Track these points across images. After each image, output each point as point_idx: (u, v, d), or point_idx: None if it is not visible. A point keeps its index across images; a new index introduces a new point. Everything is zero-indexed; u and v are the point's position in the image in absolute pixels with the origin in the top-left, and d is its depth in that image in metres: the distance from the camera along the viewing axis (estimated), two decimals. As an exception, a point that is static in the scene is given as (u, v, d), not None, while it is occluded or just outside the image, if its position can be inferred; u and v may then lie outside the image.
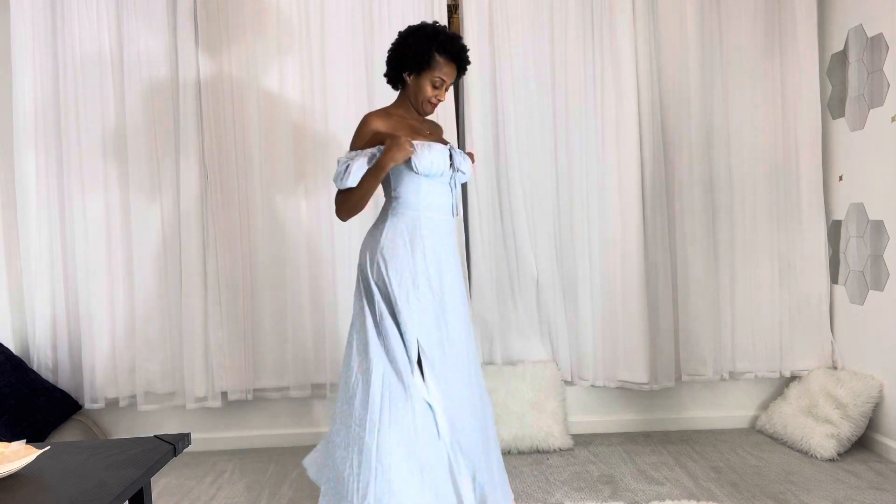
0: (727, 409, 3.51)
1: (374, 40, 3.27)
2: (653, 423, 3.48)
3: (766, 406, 3.48)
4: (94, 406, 3.26)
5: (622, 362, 3.36)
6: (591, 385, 3.41)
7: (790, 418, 3.23)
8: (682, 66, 3.35)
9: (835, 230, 3.39)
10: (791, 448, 3.16)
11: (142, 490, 1.53)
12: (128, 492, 1.36)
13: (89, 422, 3.30)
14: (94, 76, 3.24)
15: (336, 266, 3.31)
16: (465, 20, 3.33)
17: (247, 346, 3.31)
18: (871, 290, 3.14)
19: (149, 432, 3.31)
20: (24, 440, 1.54)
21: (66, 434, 3.18)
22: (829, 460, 3.00)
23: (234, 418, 3.43)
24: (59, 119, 3.24)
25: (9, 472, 1.39)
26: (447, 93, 2.34)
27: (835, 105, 3.37)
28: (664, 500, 2.60)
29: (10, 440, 2.68)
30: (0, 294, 3.25)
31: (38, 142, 3.24)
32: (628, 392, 3.46)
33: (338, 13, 3.28)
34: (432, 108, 2.34)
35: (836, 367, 3.38)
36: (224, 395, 3.33)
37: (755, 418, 3.50)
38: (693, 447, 3.23)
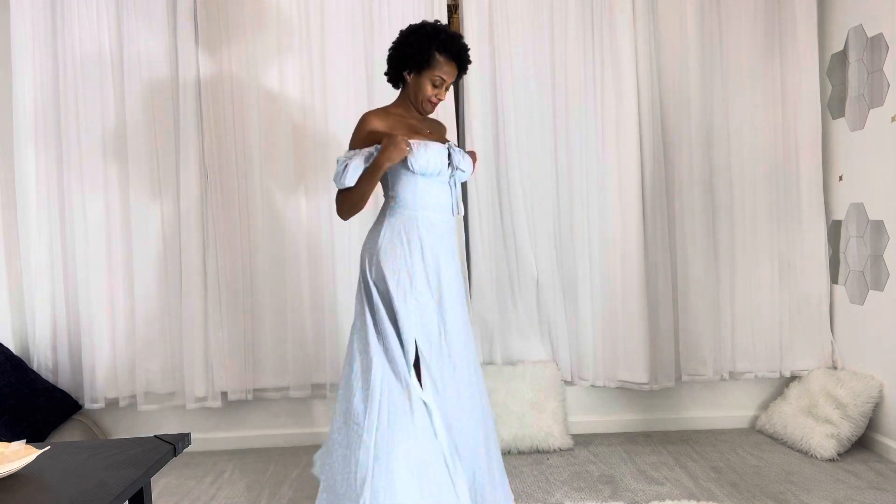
0: (727, 409, 3.51)
1: (374, 40, 3.27)
2: (653, 423, 3.48)
3: (766, 406, 3.48)
4: (94, 406, 3.26)
5: (622, 362, 3.36)
6: (591, 385, 3.41)
7: (790, 418, 3.23)
8: (682, 66, 3.35)
9: (835, 230, 3.39)
10: (791, 448, 3.16)
11: (142, 490, 1.53)
12: (128, 492, 1.36)
13: (89, 422, 3.30)
14: (94, 76, 3.24)
15: (336, 266, 3.31)
16: (465, 20, 3.33)
17: (247, 346, 3.32)
18: (871, 290, 3.14)
19: (149, 432, 3.31)
20: (24, 440, 1.54)
21: (66, 434, 3.18)
22: (829, 460, 3.00)
23: (234, 418, 3.43)
24: (59, 119, 3.24)
25: (9, 472, 1.39)
26: (447, 92, 2.34)
27: (835, 105, 3.37)
28: (664, 500, 2.60)
29: (10, 440, 2.67)
30: (0, 294, 3.25)
31: (38, 141, 3.24)
32: (628, 392, 3.46)
33: (338, 13, 3.28)
34: (432, 107, 2.34)
35: (836, 367, 3.38)
36: (224, 395, 3.33)
37: (755, 418, 3.50)
38: (693, 447, 3.23)
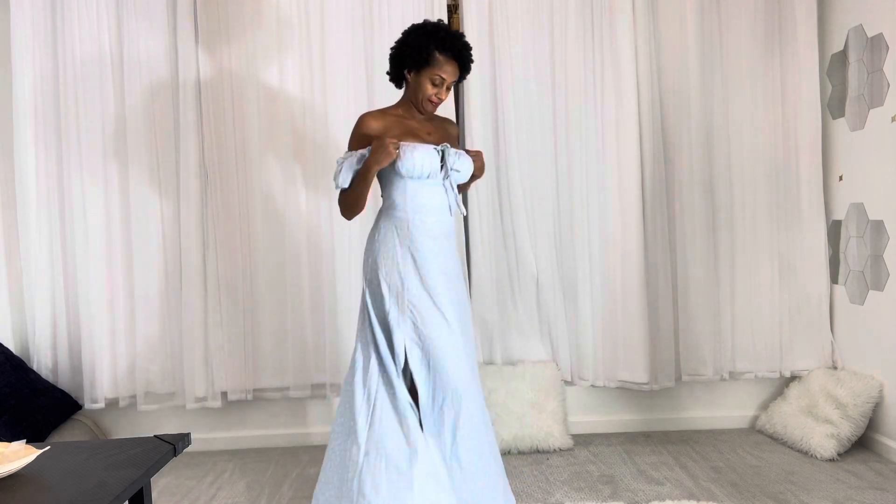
0: (727, 409, 3.51)
1: (374, 40, 3.27)
2: (653, 423, 3.48)
3: (766, 406, 3.48)
4: (94, 406, 3.26)
5: (622, 362, 3.36)
6: (591, 385, 3.41)
7: (790, 418, 3.23)
8: (682, 66, 3.35)
9: (835, 230, 3.39)
10: (791, 448, 3.16)
11: (142, 490, 1.53)
12: (128, 492, 1.36)
13: (89, 422, 3.30)
14: (94, 76, 3.24)
15: (336, 266, 3.31)
16: (465, 20, 3.33)
17: (247, 346, 3.31)
18: (871, 290, 3.14)
19: (149, 432, 3.31)
20: (24, 440, 1.54)
21: (66, 434, 3.18)
22: (829, 460, 3.00)
23: (234, 418, 3.43)
24: (59, 119, 3.24)
25: (9, 472, 1.39)
26: (449, 92, 2.33)
27: (835, 105, 3.37)
28: (664, 500, 2.60)
29: (10, 440, 2.67)
30: (0, 294, 3.25)
31: (39, 141, 3.24)
32: (628, 392, 3.46)
33: (338, 13, 3.28)
34: (433, 107, 2.33)
35: (836, 367, 3.37)
36: (224, 395, 3.33)
37: (755, 418, 3.50)
38: (693, 447, 3.23)
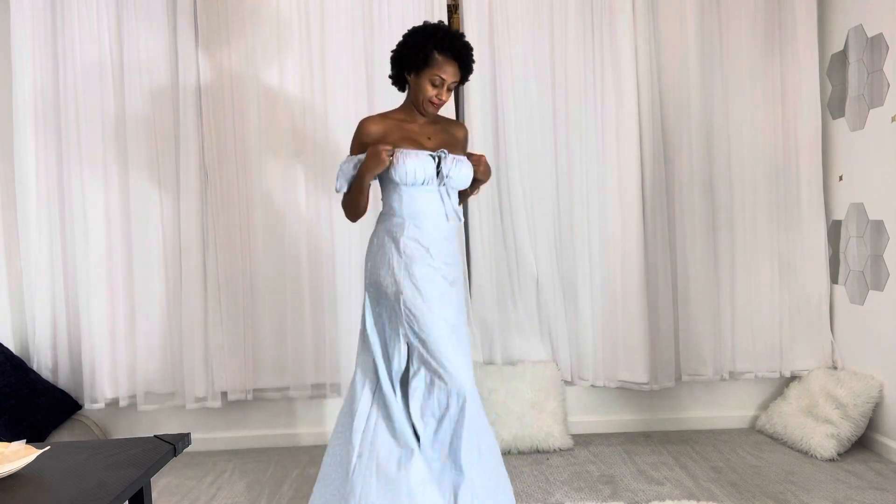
0: (727, 409, 3.51)
1: (374, 40, 3.27)
2: (653, 423, 3.48)
3: (766, 406, 3.48)
4: (94, 406, 3.26)
5: (622, 362, 3.36)
6: (591, 385, 3.41)
7: (790, 418, 3.23)
8: (682, 66, 3.35)
9: (835, 230, 3.39)
10: (791, 448, 3.16)
11: (142, 490, 1.53)
12: (128, 492, 1.36)
13: (89, 422, 3.30)
14: (94, 76, 3.24)
15: (336, 266, 3.31)
16: (465, 20, 3.33)
17: (247, 346, 3.31)
18: (871, 290, 3.14)
19: (149, 432, 3.31)
20: (24, 440, 1.54)
21: (66, 434, 3.18)
22: (829, 460, 3.00)
23: (234, 418, 3.43)
24: (59, 119, 3.23)
25: (9, 472, 1.39)
26: (450, 93, 2.32)
27: (835, 105, 3.37)
28: (664, 500, 2.60)
29: (10, 440, 2.67)
30: (0, 294, 3.25)
31: (38, 141, 3.23)
32: (628, 392, 3.46)
33: (338, 13, 3.28)
34: (434, 108, 2.32)
35: (836, 367, 3.37)
36: (224, 395, 3.33)
37: (755, 418, 3.50)
38: (693, 447, 3.23)
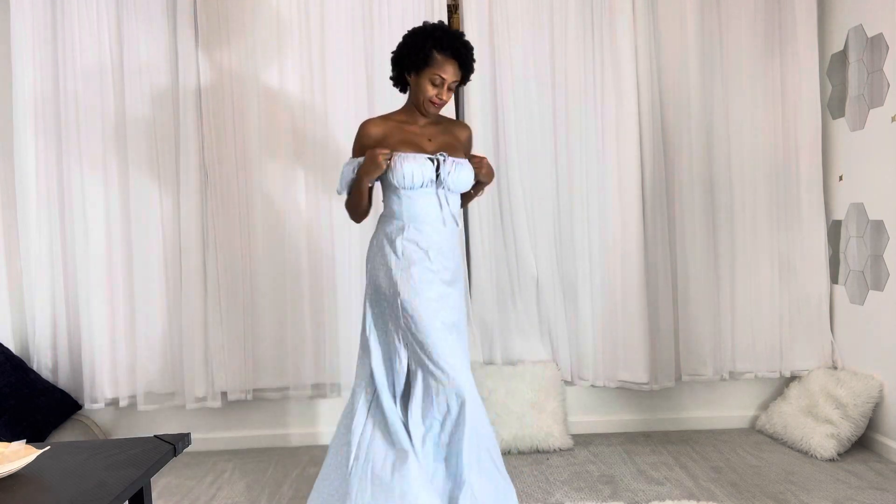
0: (727, 409, 3.51)
1: (374, 40, 3.27)
2: (653, 423, 3.48)
3: (766, 406, 3.48)
4: (94, 406, 3.26)
5: (622, 362, 3.36)
6: (591, 385, 3.41)
7: (790, 418, 3.23)
8: (682, 66, 3.35)
9: (835, 230, 3.39)
10: (791, 448, 3.16)
11: (142, 490, 1.53)
12: (128, 492, 1.36)
13: (89, 422, 3.30)
14: (93, 76, 3.23)
15: (336, 266, 3.31)
16: (465, 20, 3.32)
17: (247, 346, 3.31)
18: (871, 290, 3.14)
19: (149, 432, 3.31)
20: (24, 440, 1.54)
21: (66, 434, 3.18)
22: (829, 460, 3.00)
23: (234, 418, 3.43)
24: (59, 119, 3.23)
25: (9, 472, 1.39)
26: (451, 93, 2.32)
27: (835, 105, 3.37)
28: (664, 500, 2.60)
29: (10, 440, 2.67)
30: (0, 294, 3.25)
31: (39, 142, 3.23)
32: (628, 392, 3.46)
33: (338, 13, 3.28)
34: (435, 108, 2.32)
35: (836, 367, 3.37)
36: (224, 395, 3.33)
37: (755, 418, 3.49)
38: (693, 447, 3.23)
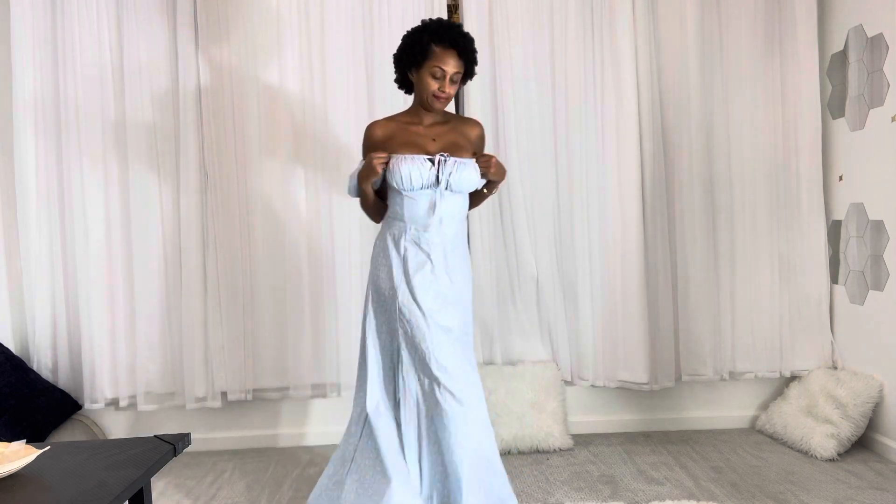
0: (727, 409, 3.51)
1: (374, 41, 3.27)
2: (653, 423, 3.48)
3: (766, 406, 3.48)
4: (94, 406, 3.26)
5: (622, 362, 3.36)
6: (591, 385, 3.41)
7: (790, 418, 3.23)
8: (682, 66, 3.35)
9: (835, 230, 3.39)
10: (791, 448, 3.16)
11: (142, 490, 1.53)
12: (128, 492, 1.36)
13: (89, 422, 3.30)
14: (93, 76, 3.23)
15: (336, 266, 3.31)
16: (464, 20, 3.32)
17: (246, 347, 3.31)
18: (871, 290, 3.14)
19: (149, 432, 3.31)
20: (24, 440, 1.54)
21: (66, 434, 3.19)
22: (829, 460, 2.99)
23: (234, 418, 3.43)
24: (59, 119, 3.23)
25: (9, 472, 1.39)
26: (454, 86, 2.30)
27: (835, 105, 3.37)
28: (664, 500, 2.60)
29: (10, 440, 2.68)
30: (0, 294, 3.25)
31: (38, 141, 3.23)
32: (628, 392, 3.46)
33: (338, 13, 3.28)
34: (441, 103, 2.30)
35: (836, 367, 3.37)
36: (224, 395, 3.33)
37: (755, 418, 3.49)
38: (693, 447, 3.23)
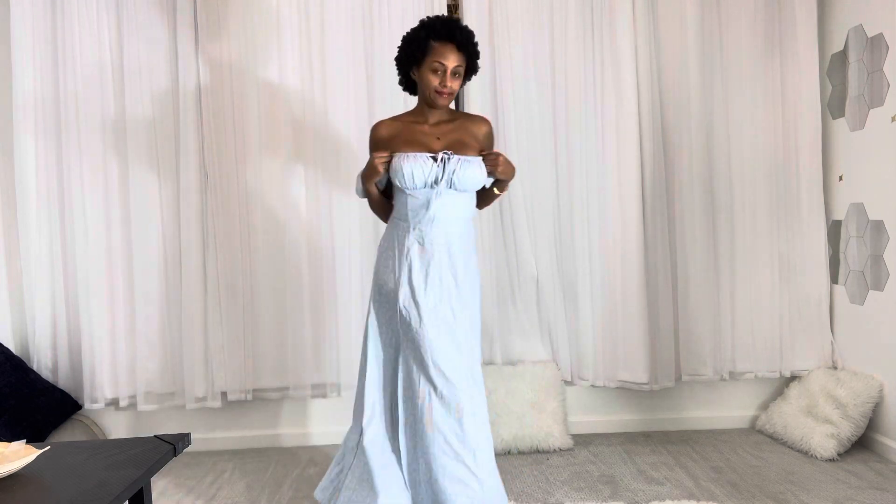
0: (727, 409, 3.51)
1: (374, 40, 3.27)
2: (653, 423, 3.48)
3: (766, 406, 3.48)
4: (94, 406, 3.26)
5: (622, 362, 3.36)
6: (591, 385, 3.41)
7: (790, 418, 3.23)
8: (682, 66, 3.35)
9: (835, 230, 3.39)
10: (791, 448, 3.16)
11: (142, 490, 1.53)
12: (128, 492, 1.36)
13: (89, 422, 3.30)
14: (93, 75, 3.23)
15: (337, 266, 3.31)
16: (464, 20, 3.32)
17: (246, 347, 3.31)
18: (871, 290, 3.14)
19: (149, 432, 3.31)
20: (24, 440, 1.54)
21: (66, 434, 3.19)
22: (829, 460, 3.00)
23: (234, 418, 3.43)
24: (58, 119, 3.23)
25: (9, 472, 1.39)
26: (458, 80, 2.28)
27: (835, 105, 3.37)
28: (664, 500, 2.60)
29: (10, 440, 2.68)
30: (0, 294, 3.25)
31: (38, 141, 3.23)
32: (628, 392, 3.46)
33: (337, 13, 3.28)
34: (445, 99, 2.28)
35: (836, 367, 3.37)
36: (224, 395, 3.33)
37: (755, 418, 3.49)
38: (693, 447, 3.23)
